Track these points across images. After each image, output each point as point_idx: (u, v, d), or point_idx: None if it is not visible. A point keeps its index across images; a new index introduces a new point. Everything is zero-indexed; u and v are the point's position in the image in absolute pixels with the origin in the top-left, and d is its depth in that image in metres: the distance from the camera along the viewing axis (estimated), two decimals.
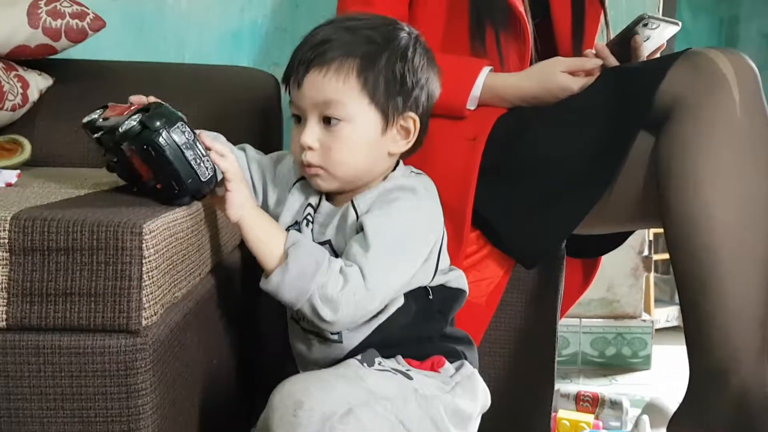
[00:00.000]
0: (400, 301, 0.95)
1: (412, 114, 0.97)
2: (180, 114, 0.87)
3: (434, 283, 0.98)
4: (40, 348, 0.76)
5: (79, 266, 0.75)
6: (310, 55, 0.94)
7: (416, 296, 0.97)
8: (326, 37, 0.95)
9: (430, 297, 0.98)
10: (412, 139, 0.98)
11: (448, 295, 1.00)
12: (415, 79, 0.96)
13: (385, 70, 0.94)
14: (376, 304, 0.91)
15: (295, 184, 1.02)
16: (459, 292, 1.02)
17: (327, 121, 0.94)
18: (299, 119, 0.97)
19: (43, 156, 1.40)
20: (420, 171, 1.02)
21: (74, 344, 0.76)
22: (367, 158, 0.95)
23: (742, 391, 1.00)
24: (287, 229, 0.97)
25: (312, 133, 0.94)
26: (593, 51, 1.23)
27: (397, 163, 1.01)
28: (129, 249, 0.75)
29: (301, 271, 0.87)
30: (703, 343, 1.03)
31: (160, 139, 0.83)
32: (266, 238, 0.91)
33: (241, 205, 0.91)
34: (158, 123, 0.84)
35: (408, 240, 0.92)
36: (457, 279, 1.02)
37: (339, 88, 0.93)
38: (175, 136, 0.84)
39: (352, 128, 0.94)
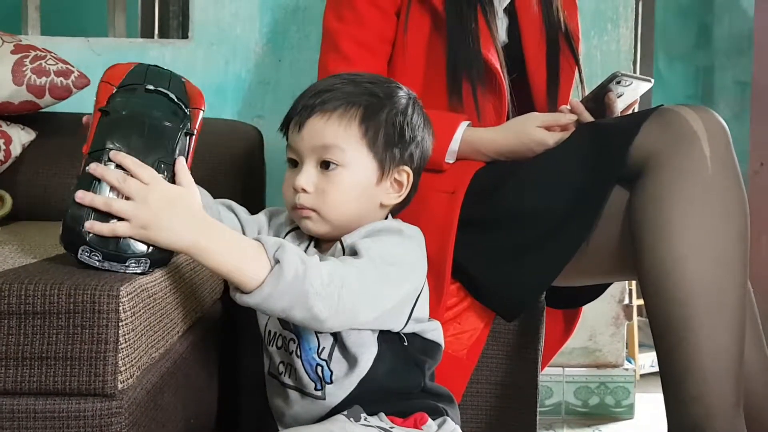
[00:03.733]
0: (374, 350, 0.95)
1: (406, 168, 1.00)
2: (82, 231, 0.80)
3: (407, 330, 0.97)
4: (15, 412, 0.75)
5: (55, 330, 0.75)
6: (314, 101, 0.97)
7: (390, 342, 0.96)
8: (330, 86, 0.98)
9: (405, 344, 0.98)
10: (404, 192, 1.01)
11: (424, 347, 1.00)
12: (413, 134, 1.00)
13: (386, 122, 0.97)
14: (359, 305, 0.87)
15: (287, 235, 1.03)
16: (435, 345, 1.02)
17: (324, 165, 0.96)
18: (295, 164, 0.99)
19: (25, 209, 1.41)
20: (410, 225, 1.03)
21: (49, 408, 0.75)
22: (359, 205, 0.97)
23: None
24: None
25: (308, 177, 0.96)
26: (568, 107, 1.26)
27: (387, 217, 1.03)
28: (105, 312, 0.75)
29: (294, 275, 0.82)
30: (679, 397, 1.04)
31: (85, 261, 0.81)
32: (238, 255, 0.83)
33: (182, 240, 0.83)
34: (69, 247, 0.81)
35: (392, 266, 0.92)
36: (433, 331, 1.02)
37: (340, 134, 0.95)
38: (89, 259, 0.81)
39: (348, 174, 0.96)
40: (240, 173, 1.52)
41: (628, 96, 1.26)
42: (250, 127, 1.63)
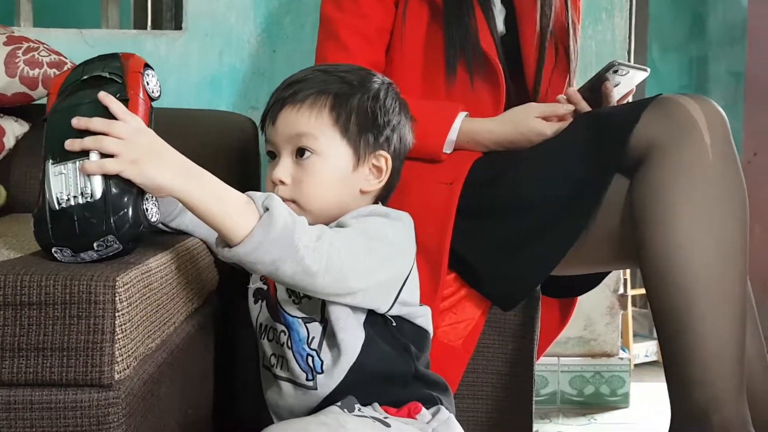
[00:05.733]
0: (361, 335, 0.95)
1: (383, 152, 1.00)
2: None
3: (394, 313, 0.97)
4: (11, 403, 0.75)
5: (51, 321, 0.74)
6: (285, 93, 0.98)
7: (376, 326, 0.96)
8: (301, 77, 1.00)
9: (394, 324, 0.97)
10: (384, 178, 1.00)
11: (412, 332, 1.00)
12: (387, 118, 1.00)
13: (357, 107, 0.98)
14: (347, 270, 0.87)
15: None
16: (423, 331, 1.02)
17: (300, 153, 0.96)
18: (274, 156, 1.00)
19: (19, 202, 1.40)
20: (398, 210, 1.03)
21: (46, 399, 0.75)
22: (337, 193, 0.97)
23: (724, 430, 1.01)
24: None
25: (284, 168, 0.97)
26: (564, 96, 1.26)
27: (376, 204, 1.02)
28: (102, 302, 0.74)
29: (284, 224, 0.82)
30: (684, 383, 1.04)
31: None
32: (228, 202, 0.82)
33: (173, 177, 0.82)
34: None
35: (378, 242, 0.92)
36: (422, 317, 1.01)
37: (311, 123, 0.96)
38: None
39: (323, 162, 0.96)
40: (235, 165, 1.51)
41: (625, 85, 1.26)
42: (245, 118, 1.63)
